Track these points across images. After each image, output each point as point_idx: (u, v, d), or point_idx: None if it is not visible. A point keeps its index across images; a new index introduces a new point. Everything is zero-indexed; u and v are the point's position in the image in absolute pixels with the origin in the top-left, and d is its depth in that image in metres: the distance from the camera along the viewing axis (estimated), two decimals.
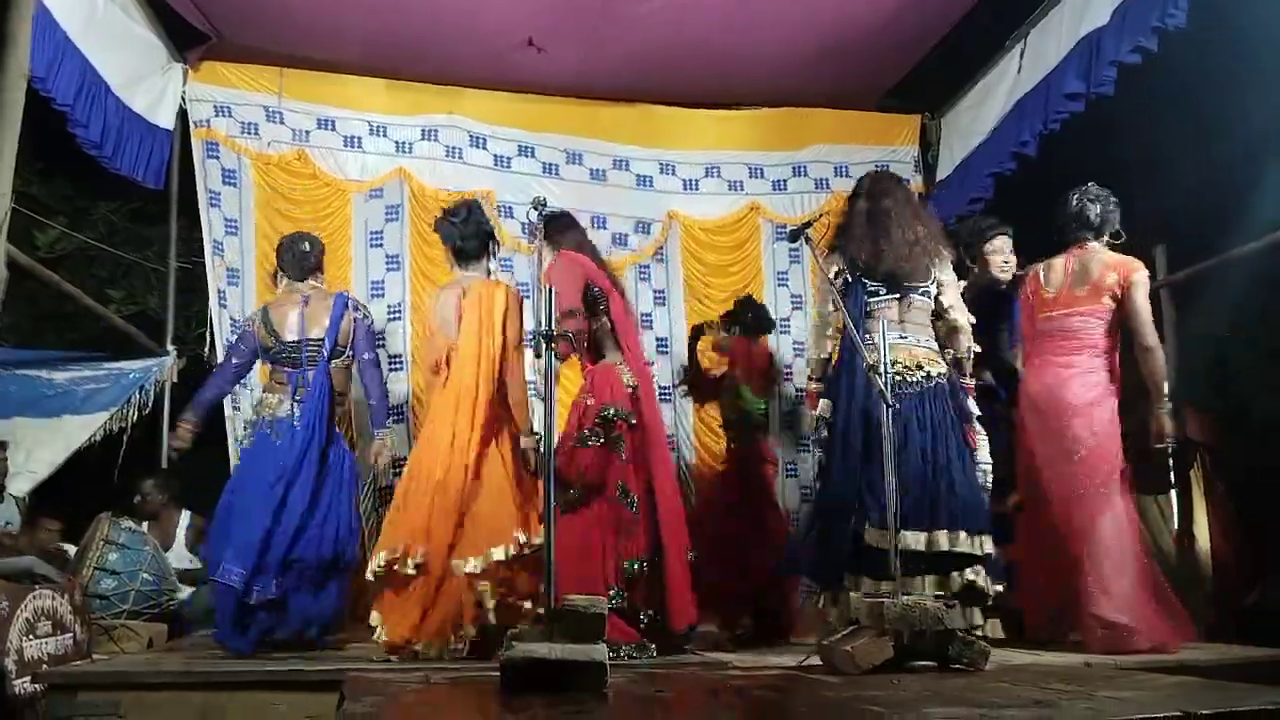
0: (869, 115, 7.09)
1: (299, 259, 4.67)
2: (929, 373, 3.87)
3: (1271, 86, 5.84)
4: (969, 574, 3.65)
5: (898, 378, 3.77)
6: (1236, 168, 6.34)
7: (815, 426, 4.06)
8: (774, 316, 6.75)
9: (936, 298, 4.02)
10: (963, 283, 4.38)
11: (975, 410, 4.00)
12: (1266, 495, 5.81)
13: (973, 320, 4.09)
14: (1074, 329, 4.34)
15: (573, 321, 3.87)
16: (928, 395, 3.85)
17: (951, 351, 4.04)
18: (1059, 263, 4.48)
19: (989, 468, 4.03)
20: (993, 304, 4.70)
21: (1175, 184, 6.80)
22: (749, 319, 5.52)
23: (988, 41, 6.34)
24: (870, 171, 4.33)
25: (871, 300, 3.95)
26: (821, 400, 3.99)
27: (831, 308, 3.99)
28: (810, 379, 4.17)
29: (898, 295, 3.95)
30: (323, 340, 4.45)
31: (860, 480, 3.72)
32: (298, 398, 4.35)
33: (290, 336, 4.49)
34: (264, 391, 4.61)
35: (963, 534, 3.67)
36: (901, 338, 3.89)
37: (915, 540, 3.62)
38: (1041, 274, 4.48)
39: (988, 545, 3.72)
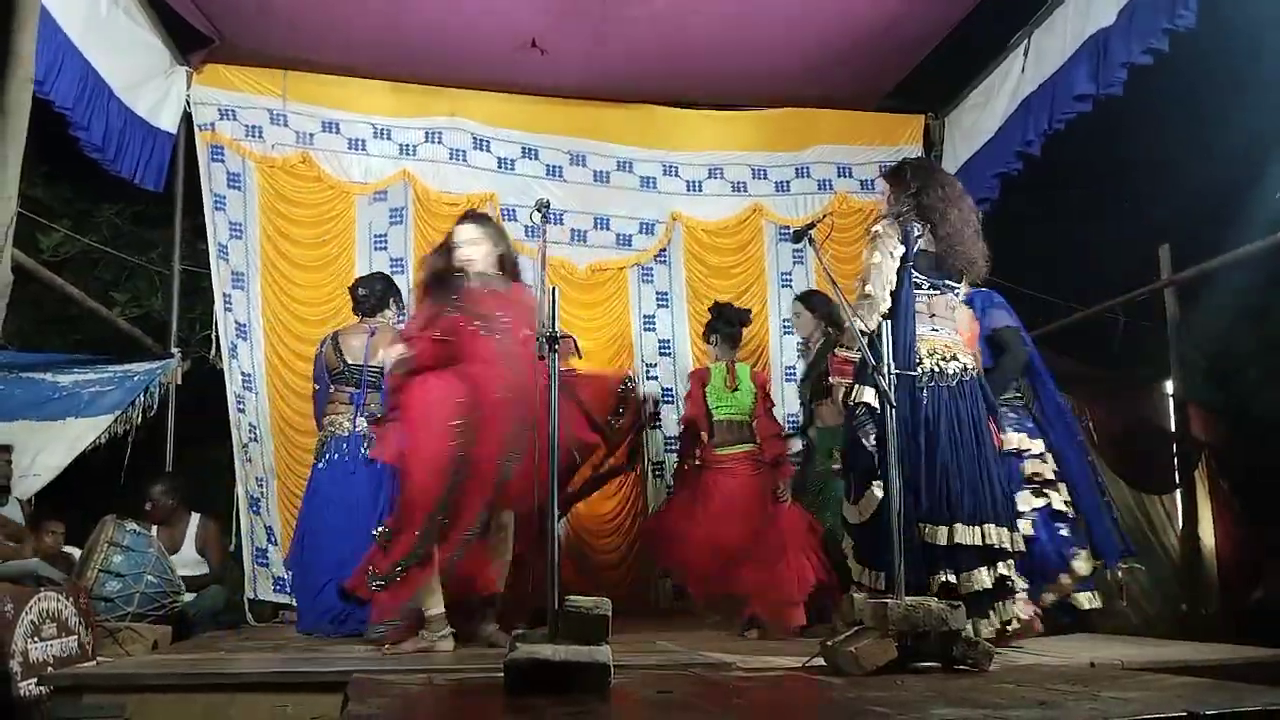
0: (872, 116, 7.09)
1: (359, 302, 5.14)
2: (964, 364, 3.86)
3: (1275, 87, 5.83)
4: (1001, 568, 3.68)
5: (935, 368, 3.79)
6: (1241, 167, 6.34)
7: (844, 402, 3.96)
8: (779, 317, 6.80)
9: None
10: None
11: (993, 400, 4.02)
12: (1271, 494, 5.80)
13: None
14: None
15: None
16: (965, 387, 3.83)
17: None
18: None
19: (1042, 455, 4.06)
20: None
21: (1180, 184, 6.80)
22: (730, 330, 5.35)
23: (990, 41, 6.34)
24: (922, 158, 4.31)
25: (917, 293, 3.90)
26: (866, 389, 3.77)
27: (884, 290, 3.82)
28: (845, 348, 4.02)
29: (939, 290, 3.94)
30: (382, 368, 4.85)
31: (920, 477, 3.70)
32: (361, 415, 4.89)
33: (354, 360, 4.98)
34: (329, 414, 5.01)
35: (1006, 529, 3.71)
36: (934, 330, 3.88)
37: (970, 535, 3.64)
38: None
39: (1019, 539, 3.77)
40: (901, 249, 3.86)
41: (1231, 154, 6.54)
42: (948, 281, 3.96)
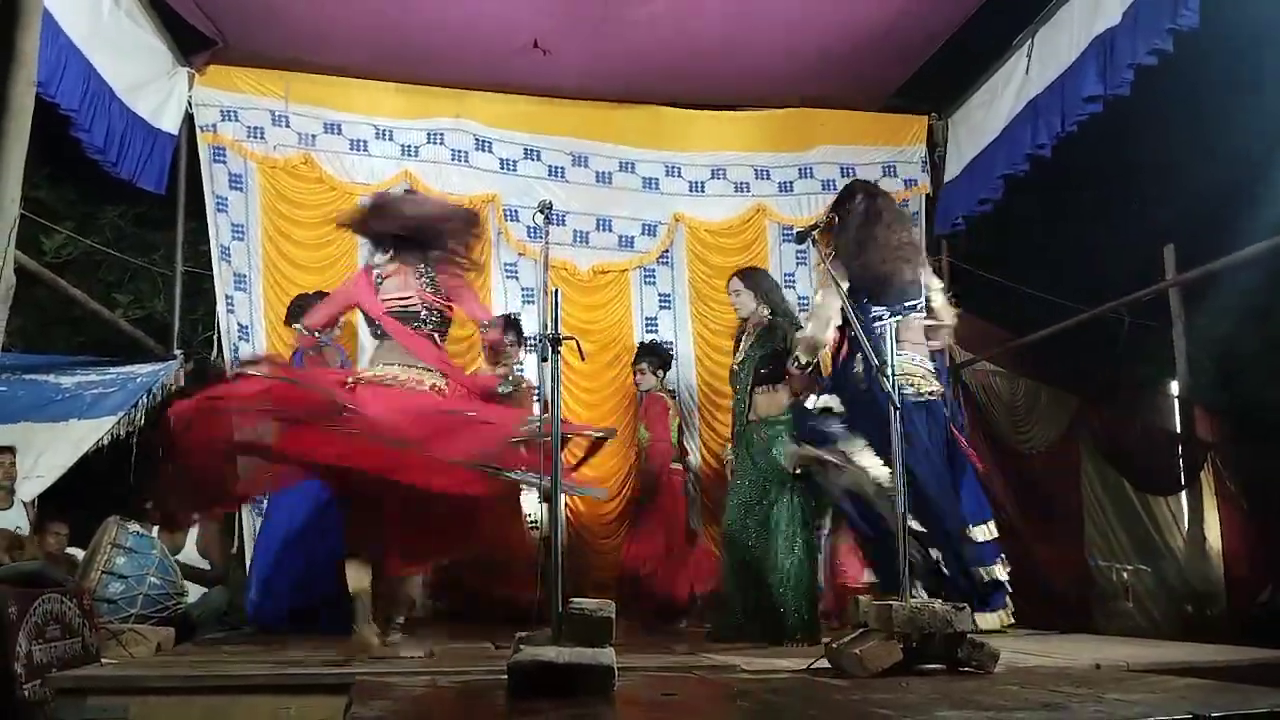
0: (875, 116, 7.07)
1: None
2: (921, 389, 4.03)
3: (1277, 89, 5.83)
4: None
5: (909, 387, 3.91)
6: (1244, 168, 6.33)
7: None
8: None
9: (928, 304, 4.18)
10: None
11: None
12: (1277, 493, 5.79)
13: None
14: None
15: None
16: (925, 409, 4.01)
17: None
18: None
19: None
20: None
21: (1184, 184, 6.79)
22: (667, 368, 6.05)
23: (994, 41, 6.32)
24: (854, 181, 4.43)
25: (876, 324, 3.95)
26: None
27: (837, 301, 3.91)
28: (798, 361, 4.15)
29: (899, 315, 3.99)
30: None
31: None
32: None
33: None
34: None
35: None
36: (898, 355, 3.91)
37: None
38: None
39: None
40: (845, 283, 3.93)
41: (1235, 155, 6.54)
42: (905, 300, 4.05)
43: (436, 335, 3.98)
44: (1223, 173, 6.81)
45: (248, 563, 5.90)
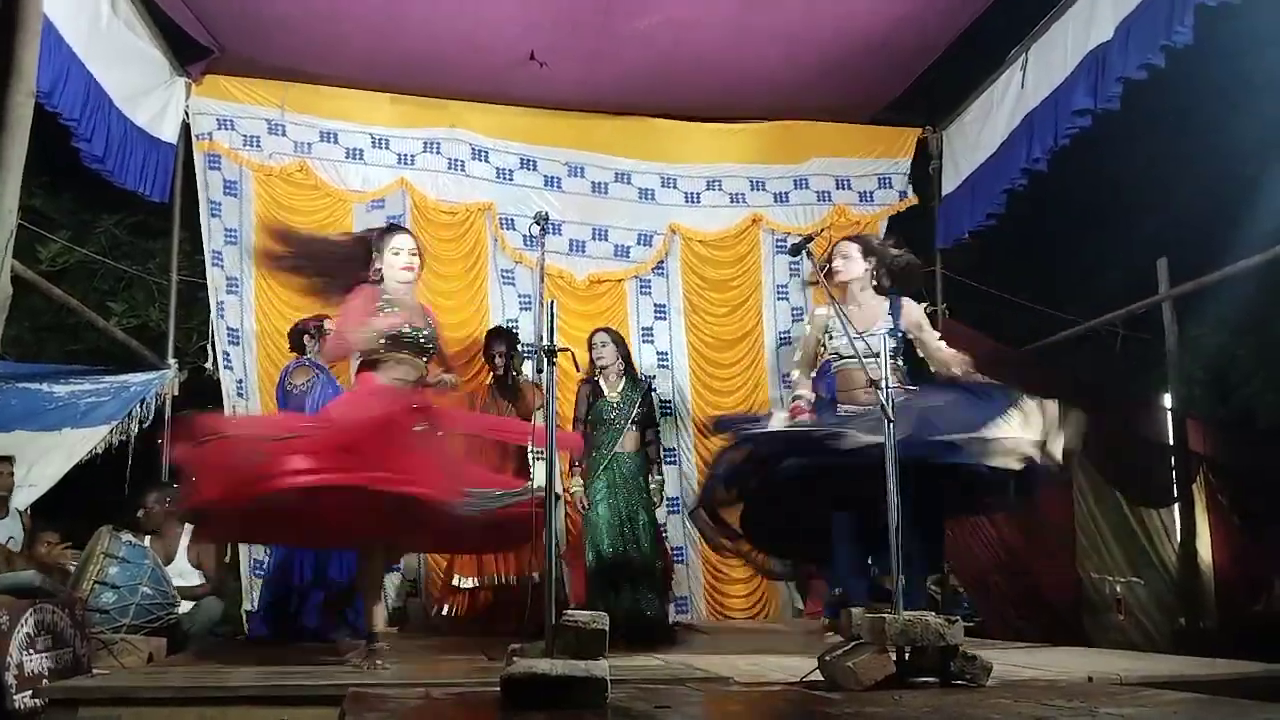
0: (869, 128, 7.10)
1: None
2: None
3: (1272, 102, 5.86)
4: None
5: None
6: (1237, 182, 6.36)
7: None
8: (774, 330, 6.80)
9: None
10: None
11: None
12: (1269, 506, 5.81)
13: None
14: None
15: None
16: None
17: None
18: None
19: None
20: None
21: (1177, 198, 6.82)
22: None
23: (988, 55, 6.36)
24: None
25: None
26: None
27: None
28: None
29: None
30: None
31: None
32: None
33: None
34: None
35: None
36: None
37: None
38: None
39: None
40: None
41: (1228, 168, 6.57)
42: None
43: None
44: (1215, 186, 6.84)
45: (242, 574, 5.89)
